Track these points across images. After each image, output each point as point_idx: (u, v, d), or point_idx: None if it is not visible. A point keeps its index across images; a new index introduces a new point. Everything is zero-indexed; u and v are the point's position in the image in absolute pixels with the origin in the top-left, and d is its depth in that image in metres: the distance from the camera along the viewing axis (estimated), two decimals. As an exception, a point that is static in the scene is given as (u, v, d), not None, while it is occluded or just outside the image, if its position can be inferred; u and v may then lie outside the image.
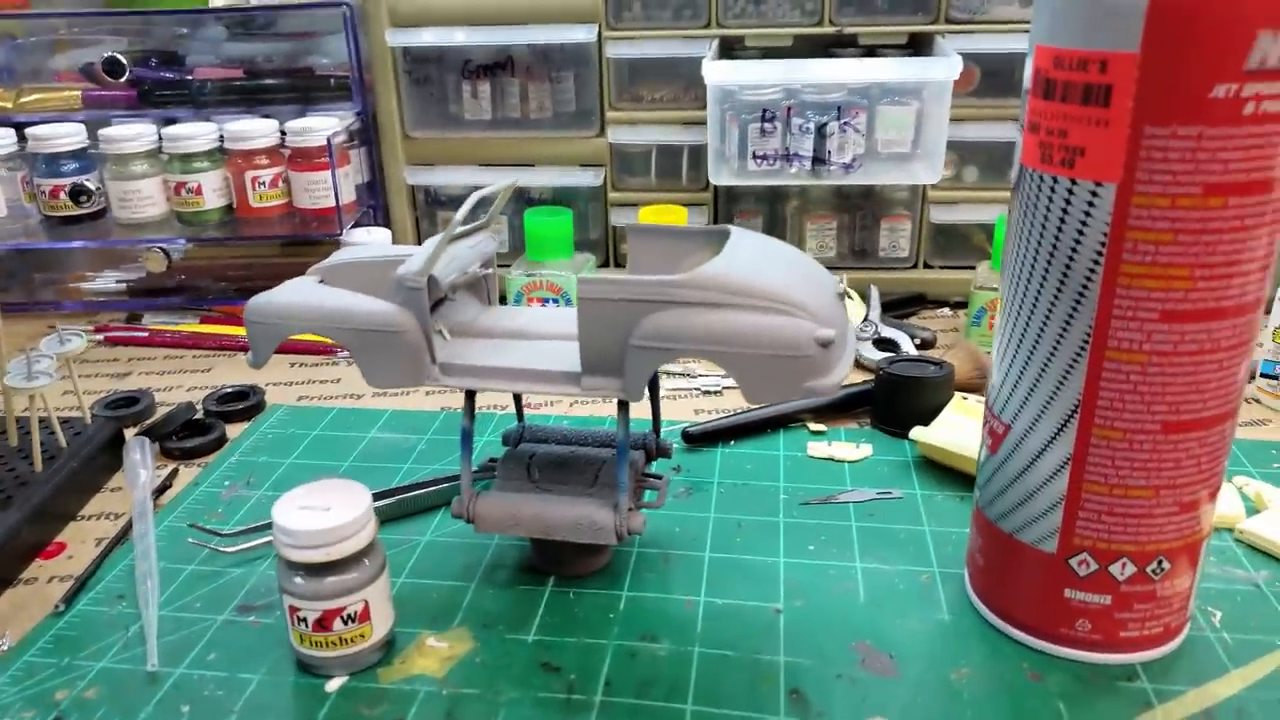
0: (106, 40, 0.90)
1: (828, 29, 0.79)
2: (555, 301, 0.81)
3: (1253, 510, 0.53)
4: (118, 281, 0.90)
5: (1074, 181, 0.37)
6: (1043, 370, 0.40)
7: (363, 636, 0.42)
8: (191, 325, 0.84)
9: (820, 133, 0.71)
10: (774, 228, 0.85)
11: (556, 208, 0.85)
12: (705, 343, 0.40)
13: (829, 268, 0.87)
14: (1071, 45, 0.36)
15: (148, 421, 0.66)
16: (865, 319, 0.77)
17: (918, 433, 0.59)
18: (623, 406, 0.45)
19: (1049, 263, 0.39)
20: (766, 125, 0.71)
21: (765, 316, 0.40)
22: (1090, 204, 0.37)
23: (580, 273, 0.81)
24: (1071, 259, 0.38)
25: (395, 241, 0.86)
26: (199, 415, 0.66)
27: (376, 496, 0.56)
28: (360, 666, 0.43)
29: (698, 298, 0.40)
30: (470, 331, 0.49)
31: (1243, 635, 0.44)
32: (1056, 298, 0.39)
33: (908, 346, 0.73)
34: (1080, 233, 0.37)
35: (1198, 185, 0.35)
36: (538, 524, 0.46)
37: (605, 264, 0.88)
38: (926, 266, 0.85)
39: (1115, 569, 0.41)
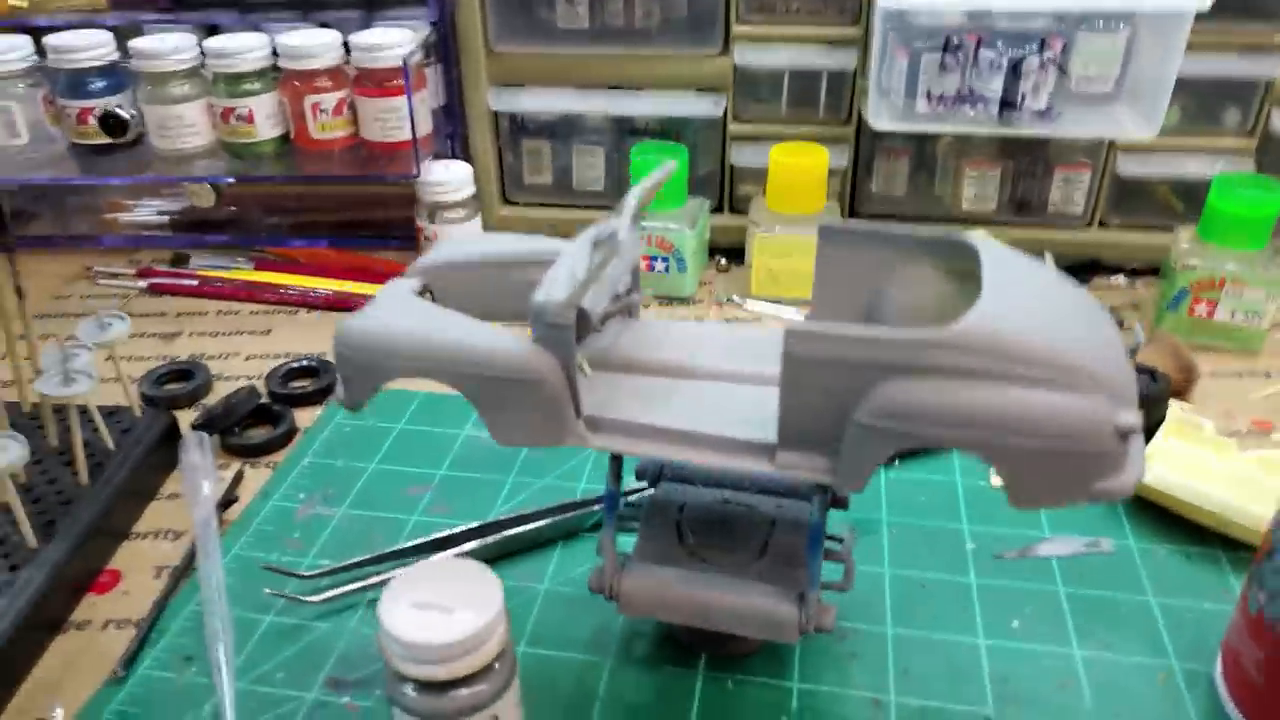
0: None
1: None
2: (665, 260, 0.69)
3: None
4: (160, 213, 0.80)
5: None
6: None
7: (490, 760, 0.34)
8: (246, 272, 0.73)
9: (1015, 70, 0.57)
10: (921, 170, 0.71)
11: (668, 142, 0.72)
12: (968, 428, 0.29)
13: (985, 223, 0.74)
14: None
15: (205, 403, 0.57)
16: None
17: (1131, 465, 0.49)
18: (823, 489, 0.34)
19: None
20: (949, 58, 0.57)
21: (1047, 394, 0.29)
22: None
23: (696, 223, 0.69)
24: None
25: (476, 177, 0.74)
26: (263, 399, 0.57)
27: (481, 531, 0.47)
28: (486, 791, 0.35)
29: (964, 364, 0.29)
30: (613, 360, 0.38)
31: None
32: None
33: (1093, 335, 0.61)
34: None
35: None
36: (696, 611, 0.37)
37: (719, 209, 0.75)
38: (1102, 225, 0.71)
39: None
